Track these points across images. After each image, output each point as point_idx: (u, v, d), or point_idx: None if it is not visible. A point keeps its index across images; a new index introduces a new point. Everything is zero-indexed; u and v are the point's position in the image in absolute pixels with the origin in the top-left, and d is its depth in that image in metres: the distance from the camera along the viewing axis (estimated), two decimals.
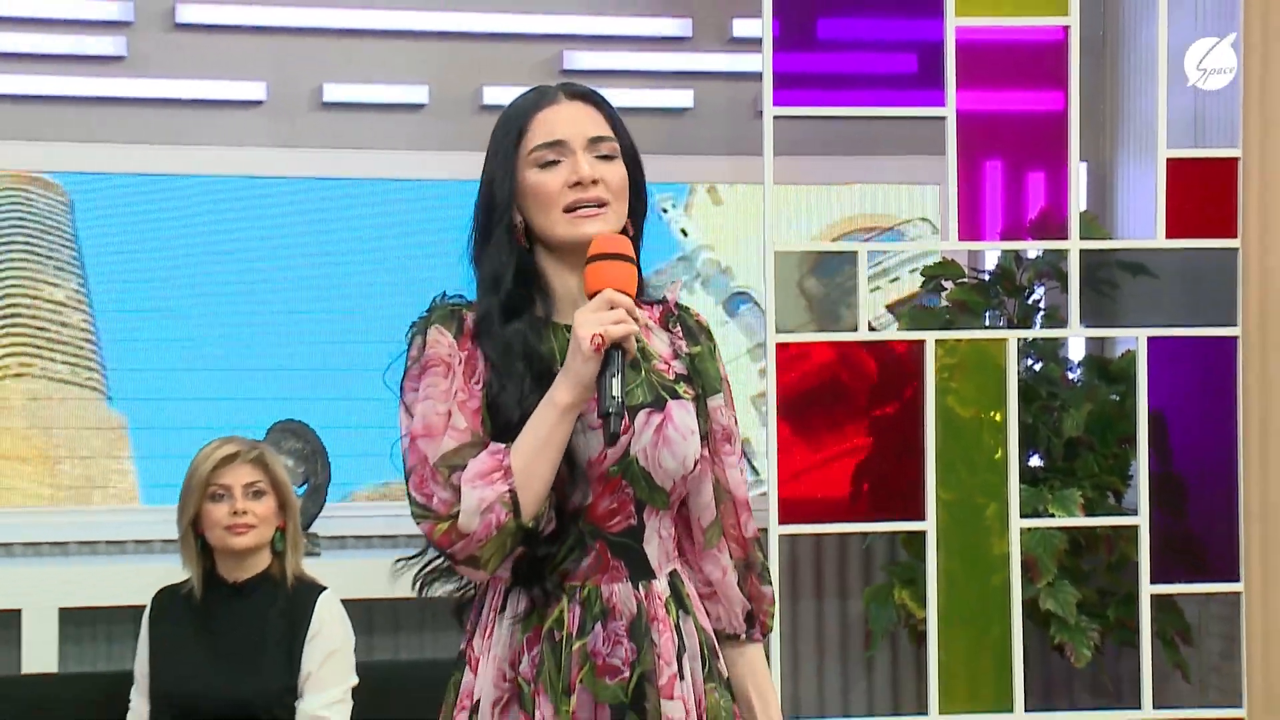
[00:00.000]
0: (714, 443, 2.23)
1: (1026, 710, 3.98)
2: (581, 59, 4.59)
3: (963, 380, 4.06)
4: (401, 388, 2.12)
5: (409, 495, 2.11)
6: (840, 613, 4.82)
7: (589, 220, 2.12)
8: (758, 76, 3.98)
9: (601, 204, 2.12)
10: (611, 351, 2.00)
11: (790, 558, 4.69)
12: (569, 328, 2.05)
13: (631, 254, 2.09)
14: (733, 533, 2.25)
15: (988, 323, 4.32)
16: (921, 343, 3.97)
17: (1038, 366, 4.37)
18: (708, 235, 4.75)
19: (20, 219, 4.55)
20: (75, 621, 4.13)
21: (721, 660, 2.22)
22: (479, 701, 2.12)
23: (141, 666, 3.60)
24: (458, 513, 2.04)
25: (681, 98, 4.68)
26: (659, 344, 2.23)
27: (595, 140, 2.13)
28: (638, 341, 2.15)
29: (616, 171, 2.14)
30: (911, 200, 4.95)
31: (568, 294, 2.11)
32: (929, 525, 3.91)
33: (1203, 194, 4.08)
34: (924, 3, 3.99)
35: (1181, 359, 4.12)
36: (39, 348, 4.53)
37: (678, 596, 2.18)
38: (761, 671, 2.29)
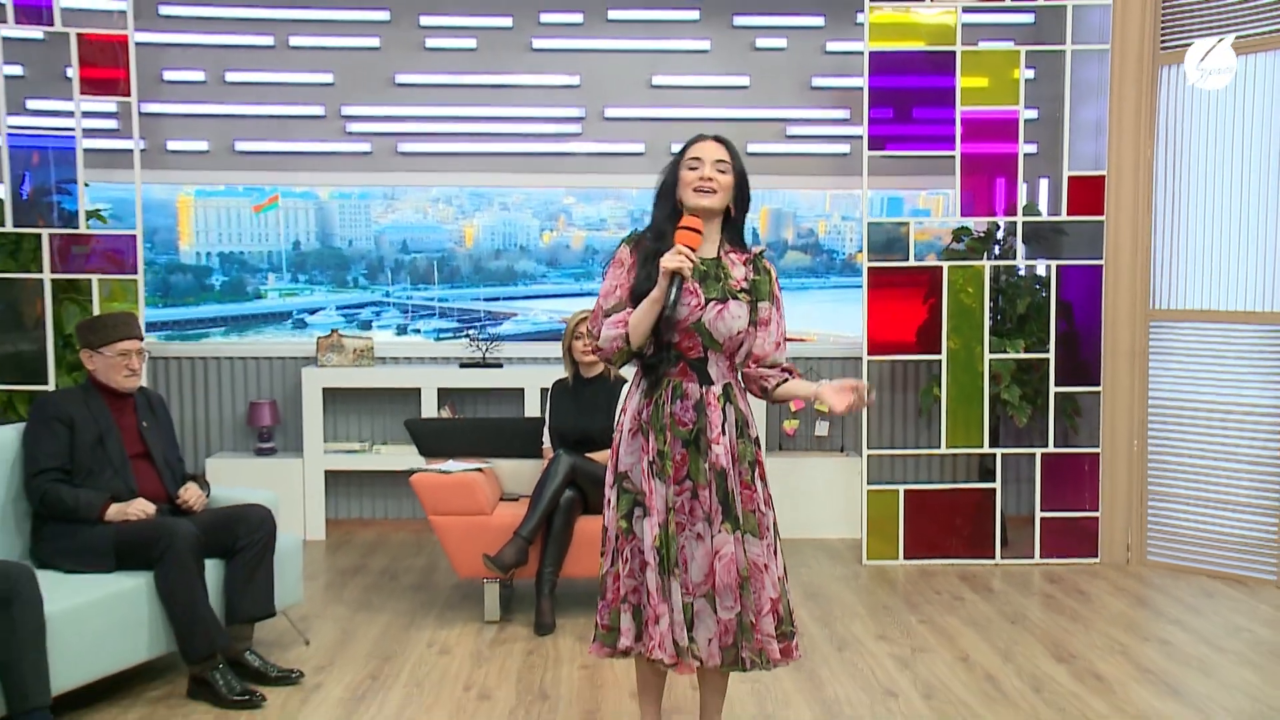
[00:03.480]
0: (756, 327, 2.82)
1: (989, 446, 5.76)
2: (795, 129, 6.37)
3: (966, 286, 5.73)
4: (604, 269, 2.84)
5: (588, 324, 2.81)
6: (914, 399, 6.54)
7: (703, 196, 2.78)
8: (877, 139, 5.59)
9: (713, 190, 2.77)
10: (674, 275, 2.62)
11: (890, 371, 6.42)
12: None
13: (700, 229, 2.69)
14: (760, 359, 2.88)
15: (984, 258, 5.77)
16: (941, 267, 5.71)
17: (1011, 278, 5.85)
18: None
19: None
20: (543, 393, 5.91)
21: (752, 428, 2.80)
22: (624, 429, 2.84)
23: (546, 415, 4.94)
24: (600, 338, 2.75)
25: (842, 148, 6.46)
26: (738, 272, 2.79)
27: (717, 161, 2.81)
28: (721, 265, 2.77)
29: (726, 178, 2.80)
30: (946, 197, 6.31)
31: None
32: (943, 357, 5.68)
33: (1088, 194, 5.67)
34: (948, 99, 5.62)
35: (1076, 275, 5.72)
36: None
37: (727, 395, 2.78)
38: (799, 382, 2.90)
